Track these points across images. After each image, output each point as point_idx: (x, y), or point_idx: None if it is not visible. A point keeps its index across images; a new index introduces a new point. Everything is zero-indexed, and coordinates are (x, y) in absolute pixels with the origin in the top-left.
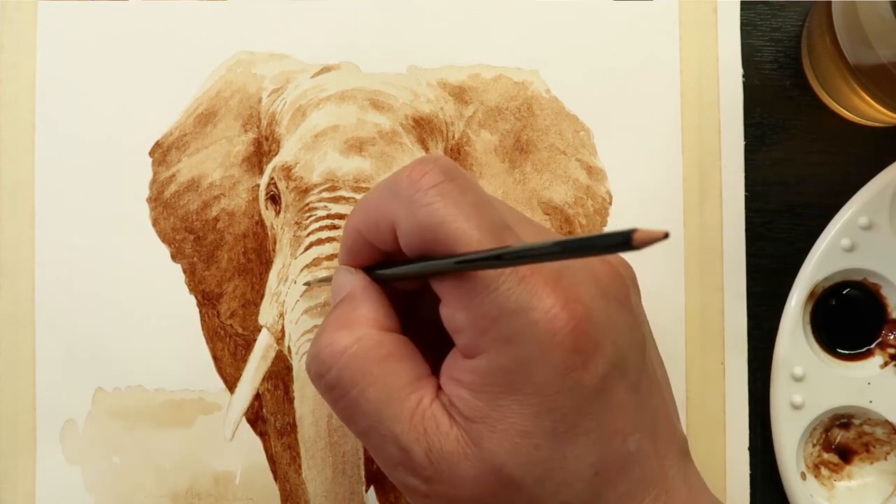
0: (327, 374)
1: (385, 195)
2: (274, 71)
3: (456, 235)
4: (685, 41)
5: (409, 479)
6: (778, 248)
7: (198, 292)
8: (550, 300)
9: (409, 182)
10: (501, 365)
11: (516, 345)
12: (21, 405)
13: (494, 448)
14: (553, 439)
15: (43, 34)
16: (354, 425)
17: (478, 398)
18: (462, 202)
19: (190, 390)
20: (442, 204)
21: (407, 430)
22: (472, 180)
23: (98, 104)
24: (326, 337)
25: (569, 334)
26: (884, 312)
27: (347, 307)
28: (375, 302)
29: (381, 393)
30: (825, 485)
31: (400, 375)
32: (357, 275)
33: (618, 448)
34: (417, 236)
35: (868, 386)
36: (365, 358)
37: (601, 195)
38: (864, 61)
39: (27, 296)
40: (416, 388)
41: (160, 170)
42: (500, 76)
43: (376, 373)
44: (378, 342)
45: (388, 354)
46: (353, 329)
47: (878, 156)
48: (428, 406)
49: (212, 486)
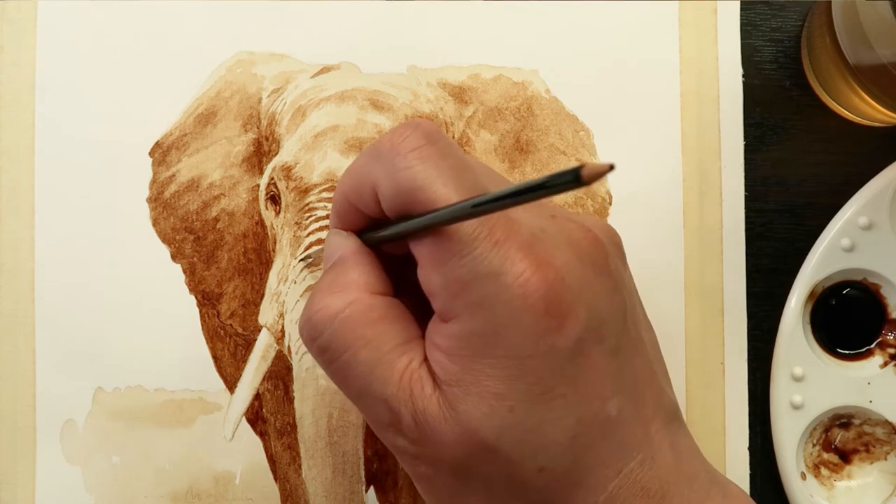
0: (319, 338)
1: (368, 159)
2: (274, 71)
3: (434, 199)
4: (685, 41)
5: (398, 440)
6: (778, 248)
7: (198, 292)
8: (523, 264)
9: (391, 146)
10: (474, 329)
11: (488, 309)
12: (21, 405)
13: (470, 411)
14: (528, 402)
15: (43, 34)
16: (347, 388)
17: (453, 362)
18: (442, 166)
19: (190, 390)
20: (421, 167)
21: (396, 391)
22: (453, 144)
23: (98, 104)
24: (318, 301)
25: (540, 298)
26: (884, 312)
27: (339, 271)
28: (366, 265)
29: (372, 355)
30: (825, 485)
31: (390, 338)
32: (348, 238)
33: (596, 412)
34: (397, 199)
35: (868, 386)
36: (356, 321)
37: (601, 195)
38: (864, 61)
39: (27, 296)
40: (405, 350)
41: (160, 170)
42: (500, 76)
43: (368, 335)
44: (369, 305)
45: (379, 317)
46: (345, 293)
47: (878, 156)
48: (416, 368)
49: (212, 486)
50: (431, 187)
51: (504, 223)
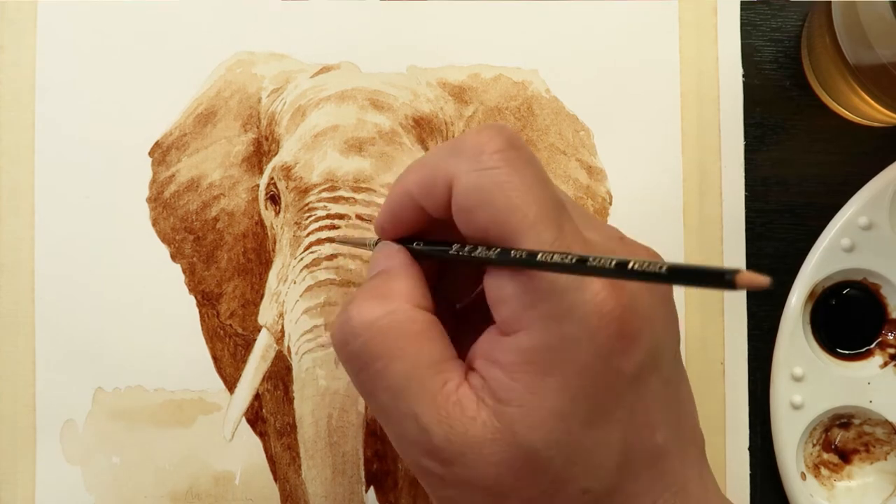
0: (353, 342)
1: (446, 154)
2: (273, 71)
3: (513, 205)
4: (685, 41)
5: (424, 460)
6: (778, 248)
7: (197, 292)
8: (600, 283)
9: (475, 143)
10: (545, 342)
11: (564, 322)
12: (21, 405)
13: (526, 431)
14: (586, 424)
15: (43, 34)
16: (373, 399)
17: (514, 379)
18: (525, 173)
19: (190, 390)
20: (505, 170)
21: (429, 410)
22: (533, 154)
23: (98, 104)
24: (357, 305)
25: (615, 319)
26: (884, 312)
27: (383, 279)
28: (413, 278)
29: (407, 369)
30: (825, 485)
31: (429, 354)
32: (400, 250)
33: (646, 440)
34: (474, 197)
35: (868, 386)
36: (395, 331)
37: (601, 195)
38: (864, 61)
39: (27, 296)
40: (443, 370)
41: (160, 170)
42: (500, 76)
43: (405, 348)
44: (411, 318)
45: (419, 331)
46: (387, 301)
47: (878, 156)
48: (454, 390)
49: (212, 487)
50: (513, 193)
51: (581, 240)
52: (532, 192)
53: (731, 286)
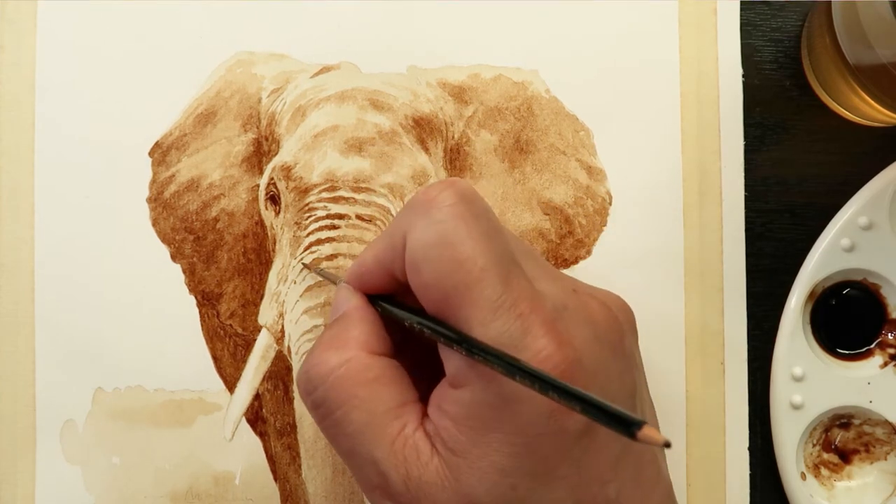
0: (314, 393)
1: (404, 214)
2: (274, 71)
3: (459, 260)
4: (685, 41)
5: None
6: (778, 248)
7: (197, 292)
8: (544, 341)
9: (426, 198)
10: (485, 400)
11: (501, 382)
12: (21, 405)
13: (472, 483)
14: (531, 480)
15: (43, 34)
16: (337, 445)
17: (460, 431)
18: (473, 227)
19: (190, 390)
20: (453, 224)
21: (387, 455)
22: (487, 208)
23: (98, 104)
24: (316, 356)
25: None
26: (883, 312)
27: (340, 327)
28: (369, 324)
29: (364, 416)
30: (825, 485)
31: (384, 400)
32: (355, 296)
33: (595, 494)
34: (421, 253)
35: (868, 386)
36: (351, 380)
37: (601, 195)
38: (864, 61)
39: (27, 296)
40: (399, 415)
41: (160, 170)
42: (500, 76)
43: (361, 396)
44: (366, 365)
45: (374, 378)
46: (343, 350)
47: (878, 156)
48: (411, 434)
49: (212, 487)
50: (461, 246)
51: (529, 295)
52: (479, 244)
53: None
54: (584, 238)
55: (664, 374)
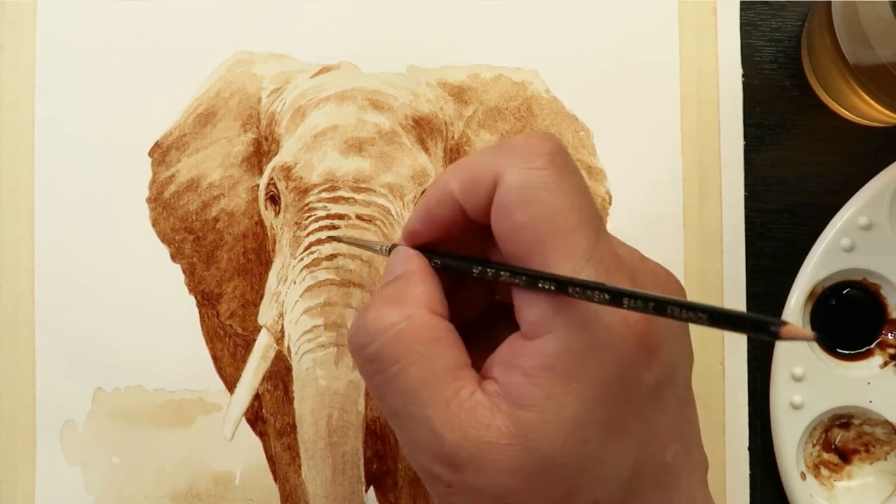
0: (369, 346)
1: (493, 153)
2: (273, 71)
3: (556, 207)
4: (685, 41)
5: (434, 465)
6: (778, 248)
7: (197, 292)
8: None
9: (526, 145)
10: (570, 347)
11: (591, 328)
12: (21, 405)
13: (543, 437)
14: (603, 434)
15: (43, 34)
16: (386, 403)
17: (534, 383)
18: (570, 180)
19: (190, 390)
20: (552, 172)
21: (442, 415)
22: (577, 165)
23: (98, 104)
24: (374, 310)
25: (639, 331)
26: (883, 312)
27: (401, 285)
28: (431, 284)
29: (423, 374)
30: (825, 485)
31: (444, 360)
32: (417, 256)
33: (656, 455)
34: (519, 194)
35: (868, 386)
36: (412, 336)
37: (601, 195)
38: (864, 61)
39: (27, 296)
40: (458, 377)
41: (160, 170)
42: (500, 76)
43: (421, 352)
44: (428, 324)
45: (435, 337)
46: (405, 307)
47: (878, 156)
48: (468, 396)
49: (212, 487)
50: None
51: (613, 252)
52: (575, 198)
53: (774, 336)
54: None
55: None
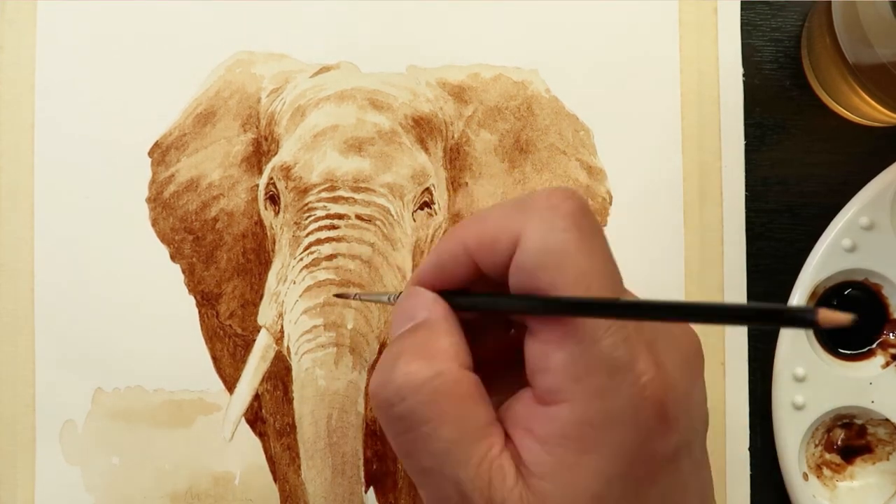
0: (400, 405)
1: (512, 211)
2: (273, 71)
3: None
4: (685, 41)
5: None
6: (778, 248)
7: (197, 292)
8: (646, 363)
9: (548, 203)
10: (587, 418)
11: (608, 400)
12: (21, 405)
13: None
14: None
15: (43, 34)
16: (416, 462)
17: (549, 453)
18: (594, 243)
19: (189, 390)
20: (576, 237)
21: (472, 476)
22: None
23: (97, 104)
24: (403, 365)
25: (657, 402)
26: (885, 312)
27: (426, 336)
28: (456, 335)
29: (454, 434)
30: (827, 485)
31: (475, 418)
32: (439, 302)
33: None
34: (540, 258)
35: (870, 386)
36: (444, 395)
37: (601, 195)
38: (864, 61)
39: (27, 296)
40: (487, 434)
41: (159, 170)
42: (500, 76)
43: (453, 412)
44: (457, 380)
45: (465, 394)
46: (434, 361)
47: (879, 156)
48: (497, 455)
49: (211, 487)
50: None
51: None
52: (597, 263)
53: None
54: None
55: None
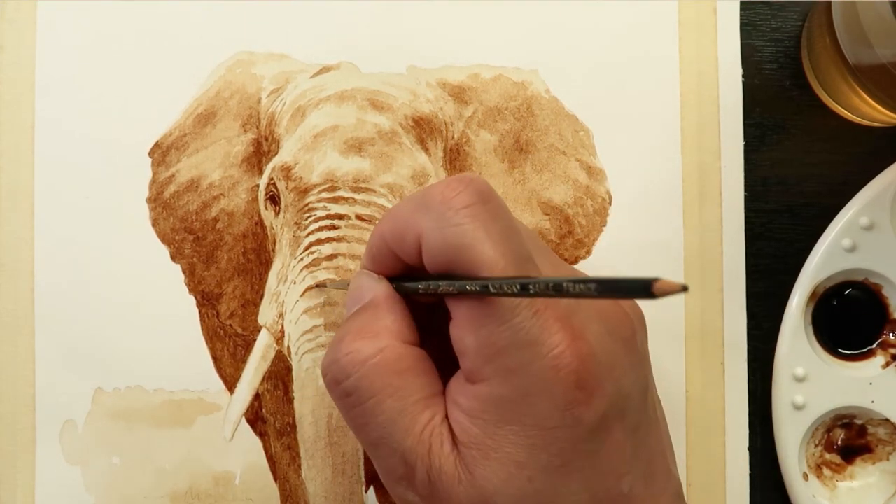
0: (345, 381)
1: (415, 207)
2: (273, 71)
3: (481, 260)
4: (685, 41)
5: (408, 494)
6: (778, 248)
7: (197, 292)
8: (559, 336)
9: (442, 199)
10: (502, 394)
11: (520, 376)
12: (21, 405)
13: (488, 476)
14: (547, 473)
15: (43, 34)
16: (365, 435)
17: (475, 424)
18: (492, 228)
19: (190, 390)
20: (471, 226)
21: (414, 445)
22: (504, 205)
23: (98, 104)
24: (347, 344)
25: (573, 372)
26: (885, 312)
27: (370, 316)
28: (399, 313)
29: (397, 405)
30: (827, 485)
31: (417, 390)
32: (381, 282)
33: (610, 488)
34: (442, 254)
35: (870, 386)
36: (385, 369)
37: (601, 195)
38: (864, 61)
39: (27, 296)
40: (429, 405)
41: (159, 170)
42: (500, 76)
43: (395, 384)
44: (399, 355)
45: (407, 367)
46: (376, 339)
47: (879, 156)
48: (438, 424)
49: (211, 487)
50: (480, 248)
51: None
52: (498, 246)
53: (651, 296)
54: (583, 238)
55: (664, 374)
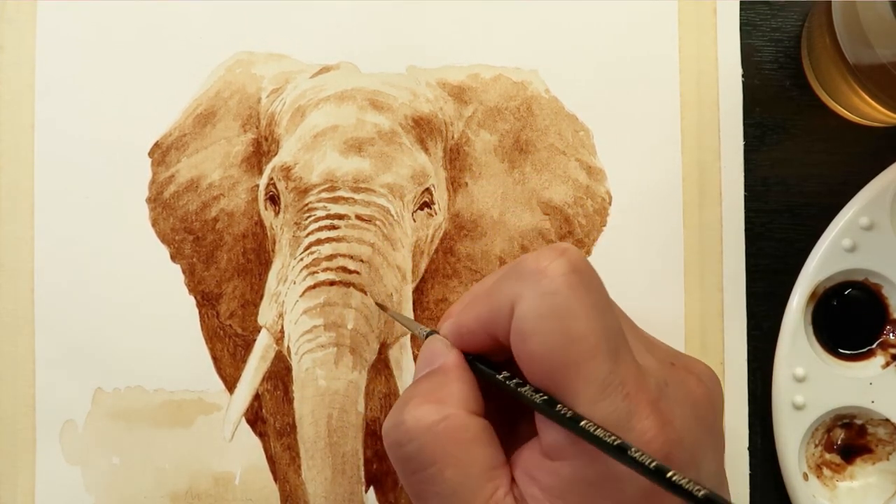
0: (408, 445)
1: (509, 279)
2: (273, 71)
3: (574, 333)
4: (685, 41)
5: None
6: (778, 248)
7: (197, 293)
8: (649, 421)
9: (537, 267)
10: (586, 476)
11: (607, 461)
12: (21, 405)
13: None
14: None
15: (43, 34)
16: (422, 501)
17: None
18: (586, 300)
19: (189, 391)
20: (566, 296)
21: None
22: (597, 278)
23: (97, 104)
24: (413, 408)
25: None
26: (885, 312)
27: (438, 382)
28: (467, 383)
29: (459, 476)
30: (827, 485)
31: (480, 462)
32: (452, 351)
33: None
34: (531, 325)
35: (870, 386)
36: (450, 438)
37: (601, 195)
38: (864, 61)
39: (27, 296)
40: (493, 477)
41: (159, 170)
42: (500, 76)
43: (458, 455)
44: (464, 424)
45: (472, 438)
46: (442, 406)
47: (879, 156)
48: (501, 498)
49: (211, 487)
50: (574, 321)
51: (635, 373)
52: (591, 321)
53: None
54: (583, 238)
55: None
